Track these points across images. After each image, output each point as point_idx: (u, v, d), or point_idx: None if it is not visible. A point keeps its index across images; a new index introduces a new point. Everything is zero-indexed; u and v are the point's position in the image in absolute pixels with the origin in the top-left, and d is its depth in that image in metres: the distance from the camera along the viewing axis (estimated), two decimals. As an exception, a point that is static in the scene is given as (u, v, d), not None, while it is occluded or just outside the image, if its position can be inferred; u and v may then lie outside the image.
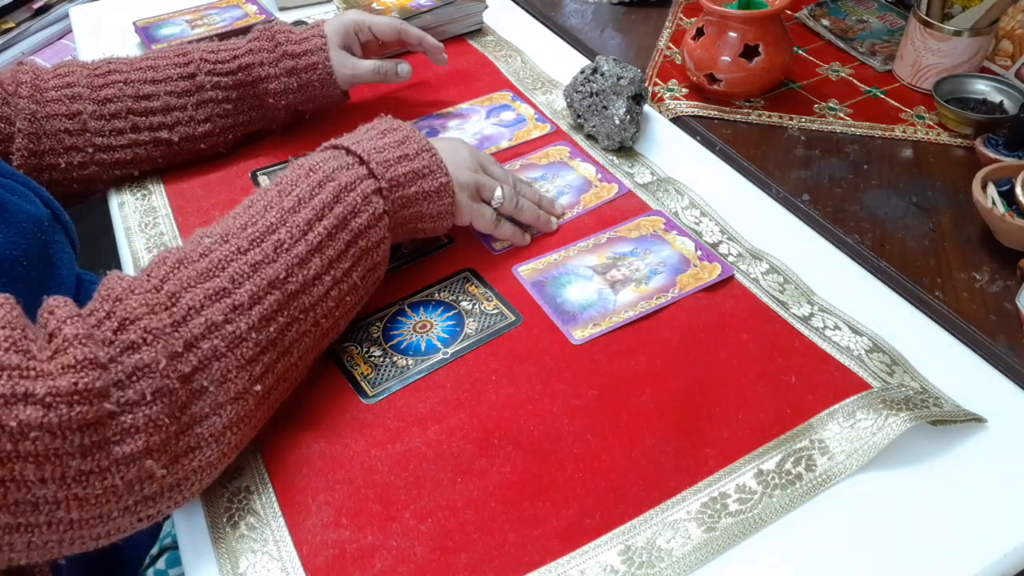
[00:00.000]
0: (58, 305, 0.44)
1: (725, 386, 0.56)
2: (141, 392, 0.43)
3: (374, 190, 0.58)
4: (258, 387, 0.49)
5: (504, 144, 0.82)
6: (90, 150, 0.73)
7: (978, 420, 0.53)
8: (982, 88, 0.83)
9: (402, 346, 0.61)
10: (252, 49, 0.77)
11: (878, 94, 0.88)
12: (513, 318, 0.63)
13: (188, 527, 0.51)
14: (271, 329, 0.50)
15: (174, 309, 0.46)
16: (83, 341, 0.42)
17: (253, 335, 0.49)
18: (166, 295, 0.47)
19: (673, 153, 0.80)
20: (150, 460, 0.43)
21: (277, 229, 0.52)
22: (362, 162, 0.58)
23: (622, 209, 0.73)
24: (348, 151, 0.59)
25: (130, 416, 0.42)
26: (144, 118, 0.74)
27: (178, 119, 0.76)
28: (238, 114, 0.79)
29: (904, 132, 0.82)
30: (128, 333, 0.44)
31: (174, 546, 0.69)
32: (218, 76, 0.76)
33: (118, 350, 0.43)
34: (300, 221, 0.53)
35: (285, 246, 0.52)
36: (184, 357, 0.45)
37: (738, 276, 0.65)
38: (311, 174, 0.56)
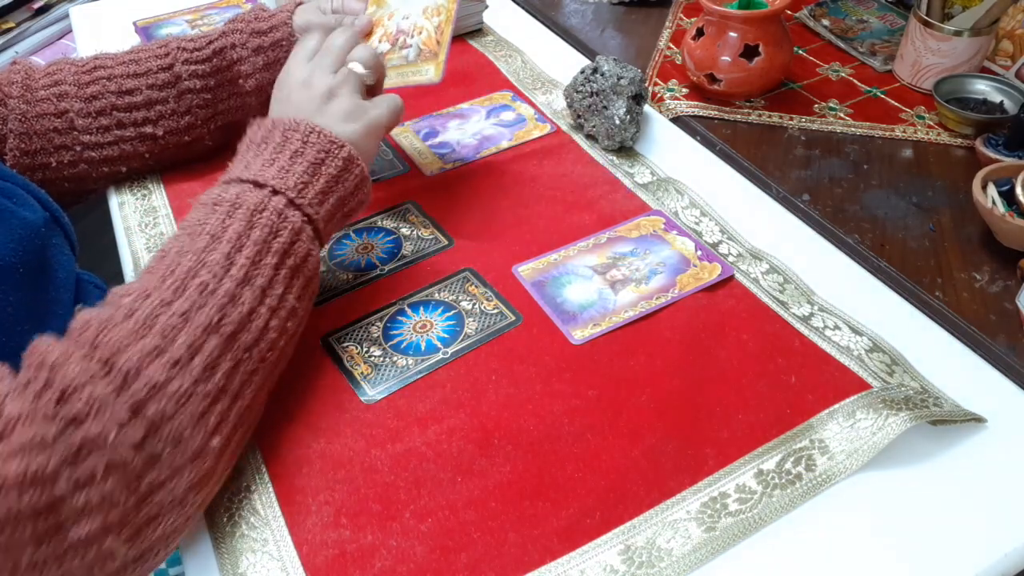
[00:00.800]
0: None
1: (725, 386, 0.56)
2: (92, 468, 0.40)
3: (285, 203, 0.54)
4: (215, 440, 0.47)
5: (504, 144, 0.82)
6: (78, 148, 0.72)
7: (978, 420, 0.53)
8: (982, 88, 0.83)
9: (402, 346, 0.61)
10: (226, 32, 0.73)
11: (878, 94, 0.88)
12: (513, 318, 0.63)
13: (188, 527, 0.51)
14: (217, 378, 0.47)
15: (112, 375, 0.43)
16: (27, 420, 0.38)
17: (200, 388, 0.46)
18: (99, 362, 0.43)
19: (673, 153, 0.80)
20: (110, 537, 0.41)
21: (197, 272, 0.49)
22: (260, 185, 0.55)
23: (622, 209, 0.73)
24: (255, 184, 0.55)
25: (83, 495, 0.39)
26: (128, 114, 0.72)
27: (161, 113, 0.73)
28: (217, 103, 0.75)
29: (904, 132, 0.82)
30: (71, 404, 0.40)
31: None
32: (194, 64, 0.72)
33: (63, 424, 0.40)
34: (219, 257, 0.50)
35: (210, 288, 0.49)
36: (132, 424, 0.42)
37: (738, 276, 0.65)
38: (216, 207, 0.53)
